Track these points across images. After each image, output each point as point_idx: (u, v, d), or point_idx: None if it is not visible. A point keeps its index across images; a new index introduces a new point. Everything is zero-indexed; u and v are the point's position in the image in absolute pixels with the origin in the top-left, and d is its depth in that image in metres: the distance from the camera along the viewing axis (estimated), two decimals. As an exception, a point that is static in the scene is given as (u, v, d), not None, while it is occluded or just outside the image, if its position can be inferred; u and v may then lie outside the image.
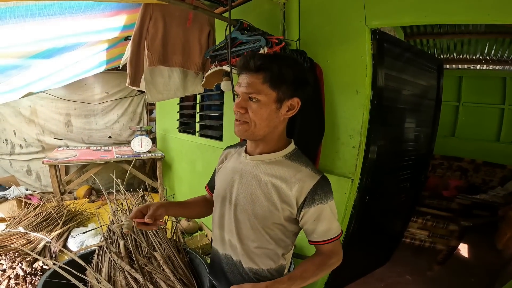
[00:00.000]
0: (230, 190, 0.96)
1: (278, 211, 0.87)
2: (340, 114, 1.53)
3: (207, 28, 1.75)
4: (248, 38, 1.36)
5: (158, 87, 1.67)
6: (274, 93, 0.80)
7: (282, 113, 0.84)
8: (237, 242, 0.95)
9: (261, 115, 0.82)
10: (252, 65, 0.80)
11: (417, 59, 1.94)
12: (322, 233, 0.88)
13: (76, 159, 3.33)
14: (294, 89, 0.82)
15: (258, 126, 0.84)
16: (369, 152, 1.47)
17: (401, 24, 1.93)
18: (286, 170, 0.88)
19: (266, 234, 0.91)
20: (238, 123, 0.86)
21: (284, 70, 0.80)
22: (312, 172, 0.87)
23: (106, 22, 1.58)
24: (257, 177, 0.90)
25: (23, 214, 2.62)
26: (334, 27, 1.60)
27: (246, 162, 0.95)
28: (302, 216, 0.87)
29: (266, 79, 0.79)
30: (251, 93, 0.81)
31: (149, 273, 1.15)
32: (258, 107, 0.81)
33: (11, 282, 1.67)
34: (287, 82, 0.80)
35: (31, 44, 1.51)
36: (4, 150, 3.93)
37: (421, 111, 2.03)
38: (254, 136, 0.86)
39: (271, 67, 0.79)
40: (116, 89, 4.32)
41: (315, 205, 0.84)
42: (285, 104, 0.83)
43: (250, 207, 0.90)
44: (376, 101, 1.44)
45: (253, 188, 0.91)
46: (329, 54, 1.60)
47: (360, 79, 1.43)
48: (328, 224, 0.87)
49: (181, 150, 3.39)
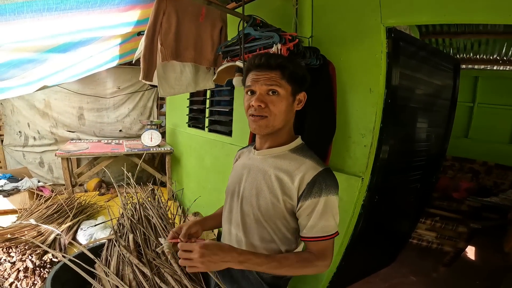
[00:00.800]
0: (238, 185, 1.00)
1: (280, 203, 0.89)
2: (352, 112, 1.51)
3: (219, 23, 1.75)
4: (261, 34, 1.36)
5: (170, 82, 1.68)
6: (290, 87, 0.88)
7: (295, 105, 0.92)
8: (243, 235, 0.97)
9: (280, 108, 0.87)
10: (273, 63, 0.86)
11: (433, 58, 1.90)
12: (311, 228, 0.86)
13: (87, 151, 3.39)
14: (301, 85, 0.91)
15: (278, 118, 0.88)
16: (380, 151, 1.45)
17: (418, 23, 1.89)
18: (290, 163, 0.90)
19: (269, 228, 0.93)
20: (258, 118, 0.88)
21: (296, 68, 0.89)
22: (314, 164, 0.88)
23: (120, 17, 1.60)
24: (263, 170, 0.94)
25: (34, 206, 2.67)
26: (348, 24, 1.58)
27: (254, 157, 0.99)
28: (299, 208, 0.87)
29: (284, 74, 0.86)
30: (272, 85, 0.86)
31: (157, 267, 1.16)
32: (279, 100, 0.86)
33: (20, 274, 1.70)
34: (298, 79, 0.89)
35: (47, 38, 1.53)
36: (18, 142, 4.02)
37: (435, 111, 1.99)
38: (274, 129, 0.89)
39: (288, 65, 0.87)
40: (127, 84, 4.38)
41: (311, 198, 0.84)
42: (297, 98, 0.91)
43: (255, 199, 0.93)
44: (390, 100, 1.42)
45: (258, 181, 0.93)
46: (343, 52, 1.58)
47: (374, 77, 1.41)
48: (319, 220, 0.84)
49: (190, 145, 3.41)
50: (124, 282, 1.07)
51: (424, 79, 1.79)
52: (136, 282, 1.09)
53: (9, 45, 1.48)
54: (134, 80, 4.35)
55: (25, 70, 1.92)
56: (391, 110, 1.43)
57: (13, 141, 4.00)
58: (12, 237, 1.95)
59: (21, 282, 1.68)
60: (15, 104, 3.88)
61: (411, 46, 1.66)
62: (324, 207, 0.84)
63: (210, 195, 2.89)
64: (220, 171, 2.70)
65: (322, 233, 0.85)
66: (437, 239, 2.72)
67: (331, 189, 0.85)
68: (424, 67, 1.79)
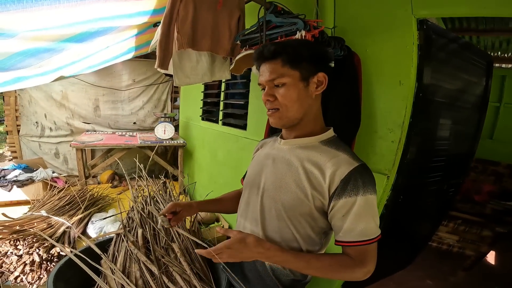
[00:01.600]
0: (259, 175, 0.91)
1: (308, 199, 0.79)
2: (378, 106, 1.41)
3: (237, 12, 1.68)
4: (284, 21, 1.28)
5: (185, 71, 1.63)
6: (296, 72, 0.79)
7: (312, 90, 0.82)
8: (261, 233, 0.88)
9: (290, 97, 0.80)
10: (267, 52, 0.81)
11: (466, 53, 1.78)
12: (348, 231, 0.76)
13: (101, 143, 3.40)
14: (315, 65, 0.81)
15: (290, 108, 0.81)
16: (409, 148, 1.35)
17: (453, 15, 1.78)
18: (321, 154, 0.82)
19: (292, 226, 0.84)
20: (270, 113, 0.84)
21: (299, 48, 0.80)
22: (349, 158, 0.79)
23: (137, 6, 1.57)
24: (289, 161, 0.85)
25: (47, 197, 2.67)
26: (374, 15, 1.49)
27: (279, 147, 0.90)
28: (331, 208, 0.78)
29: (284, 61, 0.79)
30: (274, 78, 0.80)
31: (165, 265, 1.10)
32: (286, 90, 0.80)
33: (26, 268, 1.66)
34: (306, 59, 0.80)
35: (65, 27, 1.50)
36: (34, 132, 4.09)
37: (466, 109, 1.87)
38: (291, 120, 0.83)
39: (286, 49, 0.79)
40: (142, 77, 4.39)
41: (346, 197, 0.75)
42: (311, 81, 0.81)
43: (278, 193, 0.84)
44: (422, 94, 1.31)
45: (283, 173, 0.85)
46: (369, 43, 1.49)
47: (405, 69, 1.31)
48: (358, 222, 0.75)
49: (203, 138, 3.38)
50: (130, 280, 1.02)
51: (456, 74, 1.67)
52: (143, 281, 1.03)
53: (26, 34, 1.45)
54: (149, 73, 4.36)
55: (41, 59, 1.90)
56: (422, 104, 1.33)
57: (29, 132, 4.06)
58: (20, 229, 1.91)
59: (27, 276, 1.65)
60: (32, 95, 3.94)
61: (443, 39, 1.55)
62: (363, 208, 0.75)
63: (222, 190, 2.83)
64: (233, 165, 2.64)
65: (362, 237, 0.75)
66: (459, 243, 2.62)
67: (369, 187, 0.76)
68: (456, 61, 1.67)
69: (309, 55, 0.80)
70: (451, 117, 1.73)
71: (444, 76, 1.56)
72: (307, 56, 0.80)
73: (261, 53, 0.82)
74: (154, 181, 1.89)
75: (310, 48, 0.82)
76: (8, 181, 3.27)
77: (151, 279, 1.02)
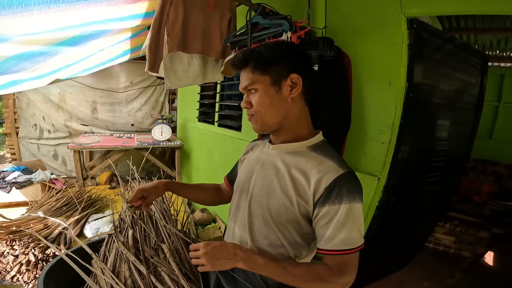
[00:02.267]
0: (249, 180, 0.91)
1: (293, 206, 0.78)
2: (369, 106, 1.41)
3: (228, 14, 1.67)
4: (270, 22, 1.28)
5: (177, 74, 1.62)
6: (266, 78, 0.78)
7: (285, 93, 0.79)
8: (248, 238, 0.88)
9: (263, 103, 0.79)
10: (236, 61, 0.81)
11: (460, 52, 1.76)
12: (329, 239, 0.74)
13: (98, 144, 3.40)
14: (287, 67, 0.78)
15: (265, 114, 0.80)
16: (400, 149, 1.34)
17: (442, 13, 1.76)
18: (307, 161, 0.79)
19: (278, 232, 0.83)
20: (249, 118, 0.85)
21: (265, 52, 0.79)
22: (336, 165, 0.76)
23: (128, 9, 1.57)
24: (276, 167, 0.84)
25: (44, 199, 2.67)
26: (365, 14, 1.49)
27: (268, 152, 0.89)
28: (315, 215, 0.77)
29: (253, 67, 0.79)
30: (247, 86, 0.81)
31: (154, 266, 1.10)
32: (258, 96, 0.80)
33: (23, 268, 1.68)
34: (275, 62, 0.78)
35: (57, 31, 1.51)
36: (33, 134, 4.10)
37: (460, 109, 1.85)
38: (268, 126, 0.83)
39: (253, 55, 0.79)
40: (140, 78, 4.39)
41: (329, 205, 0.73)
42: (284, 84, 0.78)
43: (265, 199, 0.83)
44: (412, 94, 1.30)
45: (270, 179, 0.84)
46: (359, 43, 1.48)
47: (394, 69, 1.30)
48: (340, 231, 0.72)
49: (199, 140, 3.38)
50: (119, 280, 1.02)
51: (449, 73, 1.66)
52: (132, 280, 1.03)
53: (19, 38, 1.46)
54: (146, 75, 4.36)
55: (36, 63, 1.91)
56: (413, 105, 1.32)
57: (28, 134, 4.07)
58: (17, 230, 1.93)
59: (23, 276, 1.67)
60: (31, 97, 3.95)
61: (435, 38, 1.54)
62: (346, 216, 0.72)
63: (219, 191, 2.84)
64: (229, 166, 2.59)
65: (343, 246, 0.73)
66: (456, 244, 2.59)
67: (354, 195, 0.73)
68: (449, 61, 1.66)
69: (277, 58, 0.78)
70: (444, 117, 1.72)
71: (436, 76, 1.55)
72: (275, 59, 0.78)
73: (233, 62, 0.83)
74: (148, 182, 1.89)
75: (279, 50, 0.80)
76: (7, 182, 3.28)
77: (139, 279, 1.03)
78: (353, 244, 0.73)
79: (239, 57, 0.81)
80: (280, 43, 0.87)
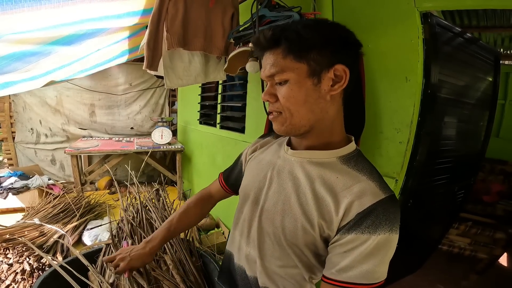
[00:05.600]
0: (259, 189, 0.76)
1: (313, 229, 0.64)
2: (384, 104, 1.31)
3: (230, 9, 1.60)
4: (278, 15, 1.19)
5: (177, 72, 1.54)
6: (303, 65, 0.60)
7: (325, 89, 0.62)
8: (257, 256, 0.75)
9: (295, 99, 0.62)
10: (263, 39, 0.63)
11: (473, 48, 1.68)
12: (345, 269, 0.59)
13: (96, 149, 3.32)
14: (331, 54, 0.60)
15: (295, 114, 0.63)
16: (418, 149, 1.25)
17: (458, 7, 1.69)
18: (337, 177, 0.64)
19: (293, 254, 0.70)
20: (272, 116, 0.67)
21: (306, 32, 0.60)
22: (375, 186, 0.61)
23: (124, 6, 1.49)
24: (296, 179, 0.69)
25: (41, 205, 2.61)
26: (375, 9, 1.40)
27: (286, 157, 0.73)
28: (335, 241, 0.62)
29: (286, 51, 0.61)
30: (274, 74, 0.63)
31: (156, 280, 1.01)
32: (289, 89, 0.62)
33: (18, 277, 1.61)
34: (316, 47, 0.59)
35: (50, 29, 1.44)
36: (29, 139, 4.01)
37: (476, 107, 1.77)
38: (297, 128, 0.65)
39: (286, 34, 0.60)
40: (139, 80, 4.30)
41: (357, 233, 0.58)
42: (325, 77, 0.61)
43: (279, 217, 0.69)
44: (430, 91, 1.21)
45: (287, 193, 0.69)
46: (370, 38, 1.39)
47: (411, 65, 1.21)
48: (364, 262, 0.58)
49: (201, 143, 3.29)
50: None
51: (464, 69, 1.58)
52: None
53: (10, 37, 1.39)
54: (146, 77, 4.28)
55: (28, 63, 1.83)
56: (431, 102, 1.23)
57: (25, 138, 3.98)
58: (10, 238, 1.86)
59: (18, 285, 1.59)
60: (27, 101, 3.86)
61: (449, 33, 1.46)
62: (377, 247, 0.58)
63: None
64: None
65: (362, 280, 0.58)
66: (471, 246, 2.50)
67: (393, 225, 0.59)
68: (463, 56, 1.58)
69: (321, 41, 0.60)
70: (462, 115, 1.64)
71: (452, 72, 1.47)
72: (318, 42, 0.60)
73: (258, 40, 0.65)
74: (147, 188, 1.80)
75: (323, 30, 0.61)
76: (4, 188, 3.22)
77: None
78: (376, 279, 0.59)
79: (267, 35, 0.62)
80: (323, 22, 0.65)
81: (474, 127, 1.83)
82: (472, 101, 1.74)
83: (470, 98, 1.73)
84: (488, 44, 3.58)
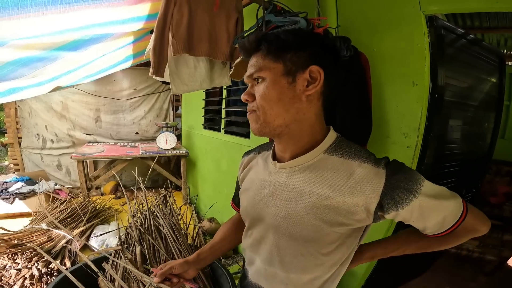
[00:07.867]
0: (262, 209, 0.75)
1: (333, 227, 0.65)
2: (391, 109, 1.31)
3: (235, 14, 1.60)
4: (284, 20, 1.19)
5: (183, 78, 1.54)
6: (279, 65, 0.63)
7: (300, 89, 0.63)
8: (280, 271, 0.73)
9: (270, 96, 0.63)
10: (247, 43, 0.67)
11: (478, 50, 1.68)
12: (435, 226, 0.64)
13: (102, 154, 3.34)
14: (307, 57, 0.63)
15: (269, 111, 0.64)
16: (426, 153, 1.24)
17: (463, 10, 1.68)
18: (334, 173, 0.64)
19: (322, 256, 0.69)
20: (248, 115, 0.69)
21: (284, 36, 0.64)
22: (371, 166, 0.62)
23: (130, 11, 1.50)
24: (296, 190, 0.68)
25: (48, 210, 2.62)
26: (380, 12, 1.40)
27: (277, 171, 0.73)
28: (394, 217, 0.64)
29: (265, 52, 0.64)
30: (252, 73, 0.66)
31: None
32: (264, 87, 0.64)
33: (26, 282, 1.62)
34: (293, 48, 0.63)
35: (55, 34, 1.45)
36: (35, 144, 4.05)
37: (482, 109, 1.76)
38: (271, 128, 0.66)
39: (267, 37, 0.65)
40: (143, 85, 4.33)
41: (404, 207, 0.60)
42: (300, 77, 0.63)
43: (295, 228, 0.68)
44: (437, 95, 1.21)
45: (292, 205, 0.68)
46: (376, 42, 1.39)
47: (418, 69, 1.21)
48: (437, 215, 0.63)
49: (205, 148, 3.29)
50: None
51: (470, 72, 1.58)
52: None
53: (16, 42, 1.40)
54: (150, 81, 4.31)
55: (34, 68, 1.85)
56: (439, 106, 1.22)
57: (31, 144, 4.02)
58: (18, 243, 1.87)
59: (27, 290, 1.59)
60: (32, 106, 3.90)
61: (454, 36, 1.46)
62: (429, 202, 0.61)
63: (226, 200, 2.74)
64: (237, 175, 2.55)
65: (454, 219, 0.64)
66: (479, 248, 2.48)
67: (416, 179, 0.61)
68: (469, 58, 1.58)
69: (298, 43, 0.63)
70: (468, 118, 1.63)
71: (458, 75, 1.47)
72: (295, 44, 0.63)
73: (243, 45, 0.68)
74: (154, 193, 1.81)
75: (301, 35, 0.65)
76: (10, 193, 3.25)
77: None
78: (458, 213, 0.64)
79: (250, 39, 0.66)
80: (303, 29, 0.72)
81: (481, 129, 1.82)
82: (478, 103, 1.74)
83: (476, 100, 1.72)
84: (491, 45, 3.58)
